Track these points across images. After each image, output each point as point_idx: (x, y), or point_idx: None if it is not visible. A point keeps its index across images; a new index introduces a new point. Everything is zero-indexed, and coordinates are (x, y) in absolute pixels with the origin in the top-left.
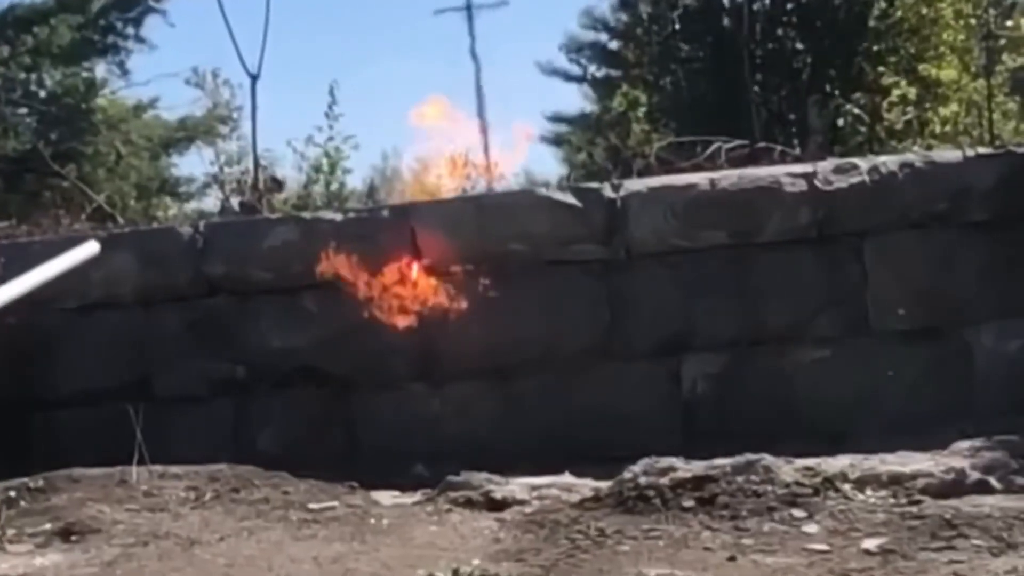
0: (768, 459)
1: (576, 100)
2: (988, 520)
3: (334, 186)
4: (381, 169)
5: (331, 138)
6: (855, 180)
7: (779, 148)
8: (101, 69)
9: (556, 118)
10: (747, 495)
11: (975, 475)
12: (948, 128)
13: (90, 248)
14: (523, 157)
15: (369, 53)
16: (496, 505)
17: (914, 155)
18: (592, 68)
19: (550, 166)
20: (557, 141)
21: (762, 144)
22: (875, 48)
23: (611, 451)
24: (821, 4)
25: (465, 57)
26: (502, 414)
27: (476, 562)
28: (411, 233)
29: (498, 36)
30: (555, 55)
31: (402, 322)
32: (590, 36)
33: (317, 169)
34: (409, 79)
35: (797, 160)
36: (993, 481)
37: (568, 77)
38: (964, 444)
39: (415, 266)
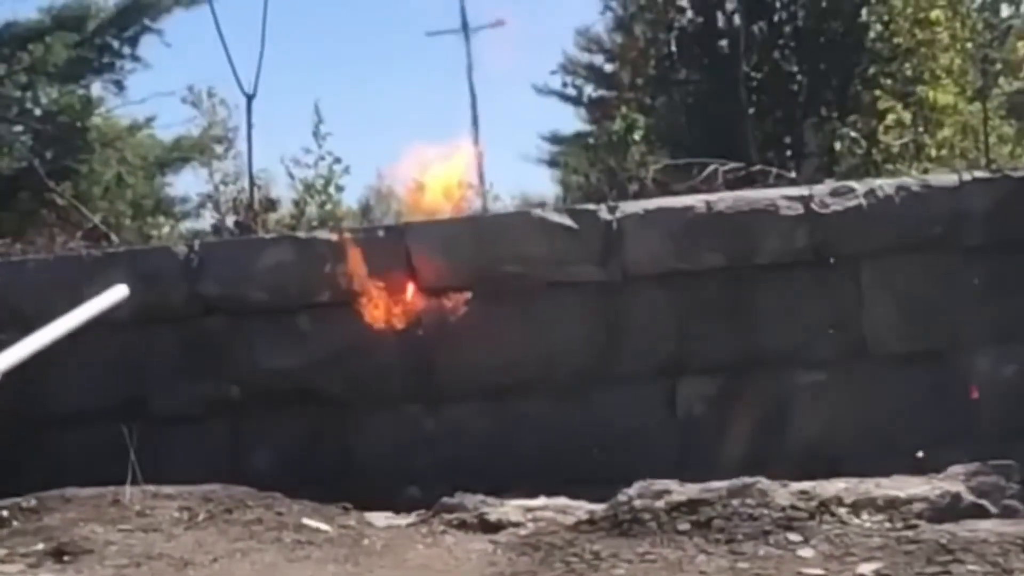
0: (764, 482)
1: (572, 121)
2: (984, 545)
3: (328, 206)
4: (376, 188)
5: (321, 158)
6: (851, 203)
7: (775, 171)
8: (97, 87)
9: (552, 139)
10: (743, 519)
11: (971, 499)
12: (944, 152)
13: (119, 292)
14: (518, 178)
15: (365, 72)
16: (491, 527)
17: (910, 179)
18: (588, 89)
19: (546, 187)
20: (553, 162)
21: (758, 167)
22: (871, 71)
23: (606, 473)
24: (818, 27)
25: (460, 76)
26: (497, 435)
27: None
28: (407, 253)
29: (494, 56)
30: (552, 75)
31: (397, 342)
32: (586, 57)
33: (309, 189)
34: (404, 98)
35: (793, 183)
36: (989, 506)
37: (564, 98)
38: (960, 468)
39: (411, 286)
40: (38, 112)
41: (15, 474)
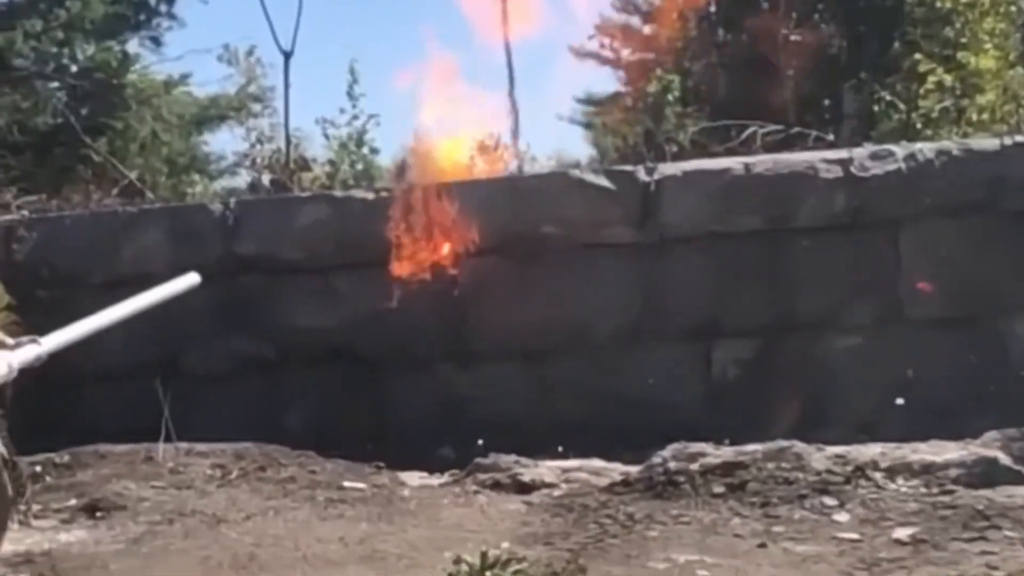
0: (799, 446)
1: (609, 83)
2: (1021, 511)
3: (359, 165)
4: (411, 148)
5: (355, 117)
6: (891, 167)
7: (814, 134)
8: (133, 44)
9: (587, 100)
10: (778, 482)
11: (1008, 465)
12: (985, 116)
13: (191, 279)
14: (552, 139)
15: (400, 31)
16: (524, 488)
17: (951, 143)
18: (625, 52)
19: (580, 149)
20: (587, 123)
21: (797, 129)
22: (912, 34)
23: (640, 435)
24: None
25: (495, 35)
26: (531, 397)
27: (504, 545)
28: (443, 213)
29: (530, 17)
30: (588, 37)
31: (432, 303)
32: (623, 19)
33: (345, 147)
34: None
35: (832, 146)
36: None
37: (601, 60)
38: (997, 434)
39: (446, 246)
40: (74, 68)
41: (49, 430)
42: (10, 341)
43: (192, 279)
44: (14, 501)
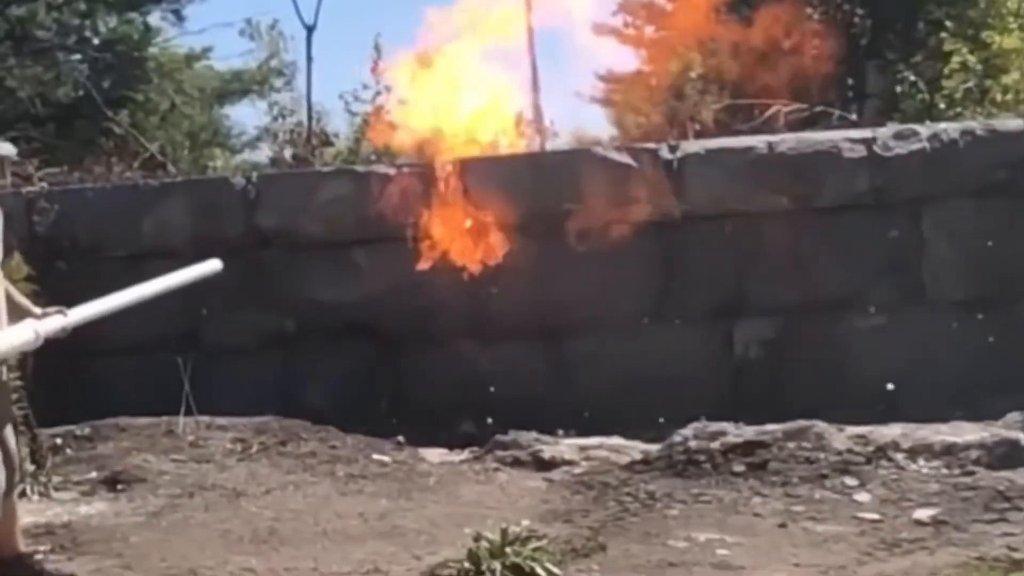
0: (820, 426)
1: (630, 60)
2: None
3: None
4: (433, 124)
5: (379, 92)
6: (915, 147)
7: (837, 113)
8: (155, 17)
9: (609, 78)
10: (798, 462)
11: None
12: (1010, 97)
13: (213, 265)
14: (572, 116)
15: (423, 6)
16: (544, 465)
17: (975, 123)
18: (649, 29)
19: (601, 126)
20: (609, 101)
21: (820, 108)
22: (936, 14)
23: (661, 413)
24: None
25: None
26: (552, 374)
27: (525, 522)
28: (465, 189)
29: None
30: (611, 14)
31: (453, 279)
32: None
33: (367, 123)
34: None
35: (855, 125)
36: None
37: (623, 38)
38: (1018, 415)
39: (468, 223)
40: (96, 41)
41: (70, 402)
42: (37, 311)
43: (214, 265)
44: (35, 474)
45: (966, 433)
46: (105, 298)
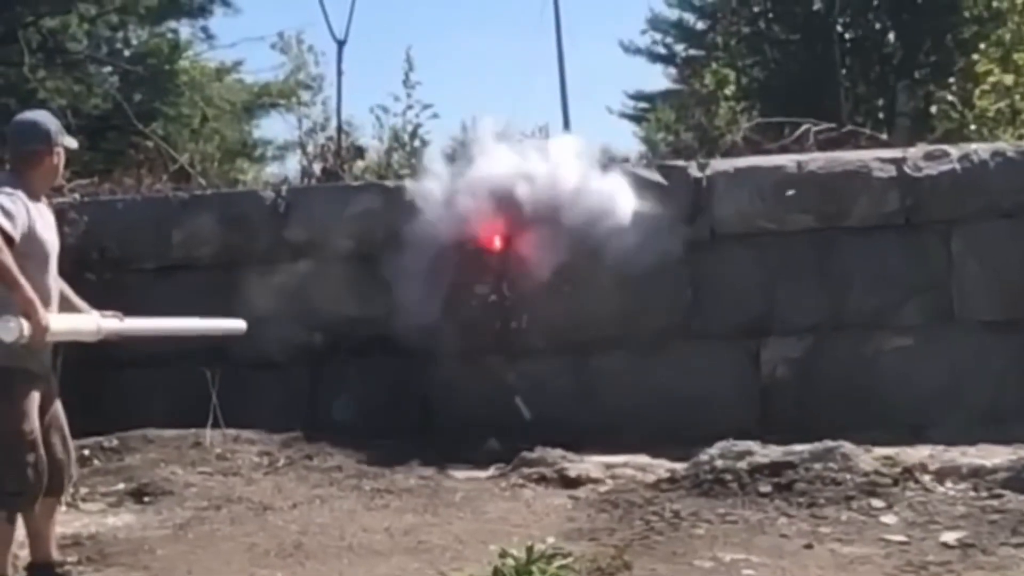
0: (847, 447)
1: (659, 79)
2: None
3: (414, 160)
4: (460, 140)
5: (410, 107)
6: (945, 167)
7: (867, 132)
8: (186, 31)
9: (638, 96)
10: (825, 483)
11: None
12: None
13: (238, 325)
14: (600, 133)
15: (450, 23)
16: (570, 483)
17: (1006, 144)
18: (679, 48)
19: (630, 143)
20: (637, 118)
21: (849, 128)
22: (967, 34)
23: (687, 432)
24: None
25: (546, 31)
26: (578, 391)
27: (550, 540)
28: (495, 204)
29: (580, 11)
30: (638, 33)
31: (481, 295)
32: (675, 14)
33: (397, 138)
34: (488, 50)
35: (885, 145)
36: None
37: (652, 56)
38: None
39: (496, 238)
40: (127, 53)
41: (98, 413)
42: (94, 312)
43: (239, 325)
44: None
45: (994, 455)
46: (156, 319)
